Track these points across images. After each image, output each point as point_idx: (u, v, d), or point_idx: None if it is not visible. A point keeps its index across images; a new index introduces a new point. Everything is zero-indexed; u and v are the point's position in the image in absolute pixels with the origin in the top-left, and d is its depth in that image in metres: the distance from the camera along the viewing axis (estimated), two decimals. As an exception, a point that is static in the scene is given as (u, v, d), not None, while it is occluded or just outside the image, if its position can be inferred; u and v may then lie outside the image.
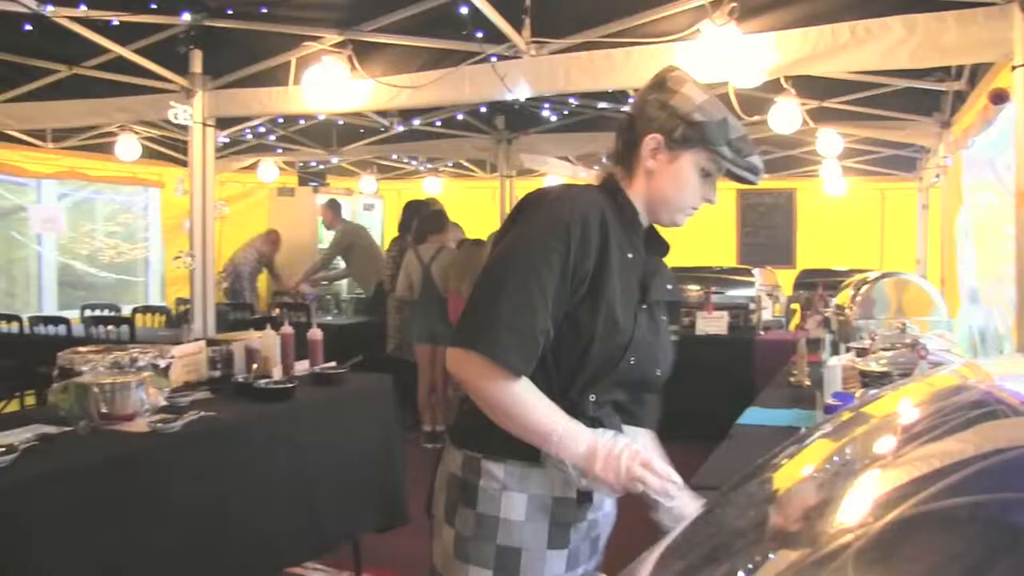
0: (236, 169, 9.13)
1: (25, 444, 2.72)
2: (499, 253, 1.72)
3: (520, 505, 1.70)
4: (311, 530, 3.58)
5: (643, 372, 1.78)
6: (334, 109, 5.68)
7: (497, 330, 1.61)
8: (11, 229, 8.68)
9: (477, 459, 1.73)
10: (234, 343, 3.92)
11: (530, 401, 1.64)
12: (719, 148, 1.74)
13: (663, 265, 1.90)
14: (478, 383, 1.66)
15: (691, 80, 1.80)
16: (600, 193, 1.81)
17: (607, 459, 1.60)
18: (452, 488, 1.77)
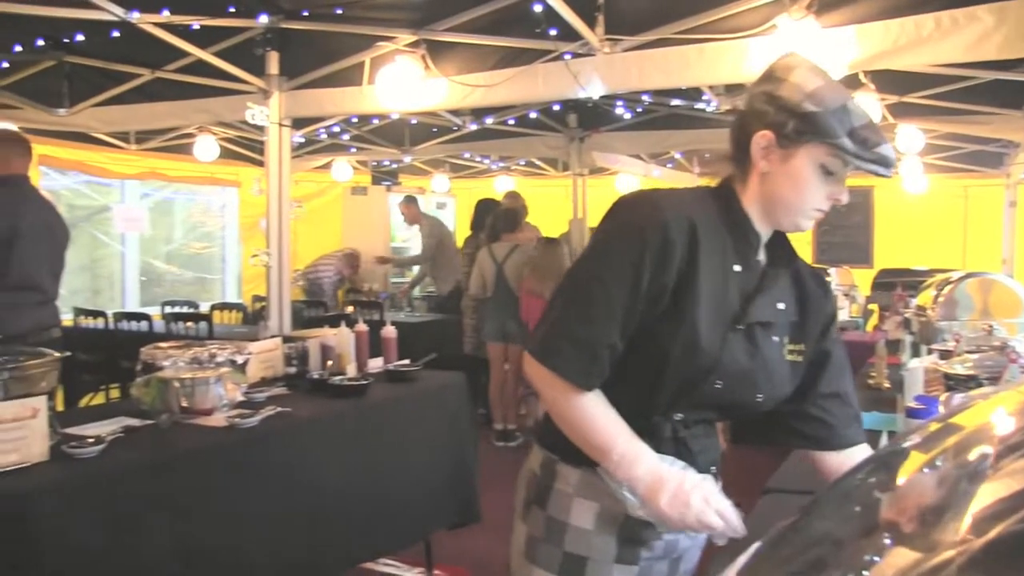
0: (310, 168, 9.26)
1: (111, 436, 2.80)
2: (575, 261, 1.68)
3: (589, 514, 1.64)
4: (384, 526, 3.61)
5: (735, 397, 1.64)
6: (407, 108, 5.72)
7: (560, 342, 1.57)
8: (96, 228, 8.93)
9: (554, 461, 1.69)
10: (309, 340, 3.98)
11: (594, 415, 1.57)
12: (839, 141, 1.53)
13: (783, 279, 1.69)
14: (545, 393, 1.62)
15: (804, 65, 1.60)
16: (704, 198, 1.66)
17: (676, 494, 1.50)
18: (530, 486, 1.74)
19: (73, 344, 3.70)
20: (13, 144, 4.15)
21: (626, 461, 1.53)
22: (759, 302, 1.63)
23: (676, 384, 1.58)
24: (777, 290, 1.67)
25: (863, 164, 1.56)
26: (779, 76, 1.59)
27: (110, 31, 4.93)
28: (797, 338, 1.71)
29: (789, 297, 1.70)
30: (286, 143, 5.37)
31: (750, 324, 1.61)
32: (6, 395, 2.62)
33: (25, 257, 3.91)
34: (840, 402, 1.76)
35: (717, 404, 1.65)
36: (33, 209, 4.06)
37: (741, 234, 1.64)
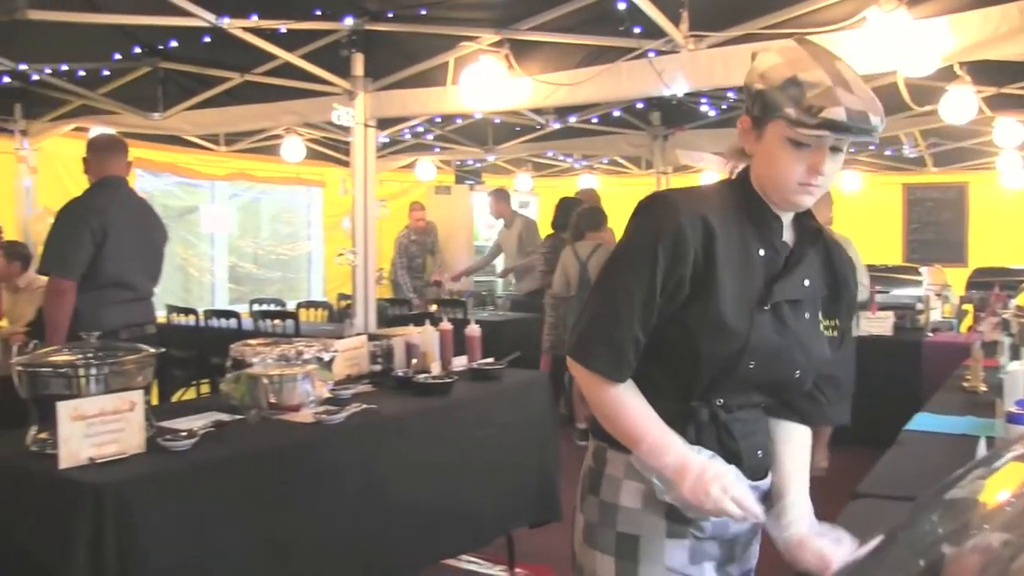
0: (395, 168, 9.35)
1: (203, 430, 2.88)
2: (604, 263, 1.76)
3: (637, 494, 1.71)
4: (467, 523, 3.63)
5: (772, 375, 1.71)
6: (491, 108, 5.74)
7: (591, 341, 1.69)
8: (187, 229, 9.18)
9: (604, 448, 1.77)
10: (394, 338, 4.02)
11: (627, 406, 1.68)
12: (784, 113, 1.56)
13: (810, 258, 1.74)
14: (585, 388, 1.74)
15: (775, 47, 1.67)
16: (722, 191, 1.75)
17: (697, 481, 1.60)
18: (585, 477, 1.82)
19: (166, 341, 3.80)
20: (111, 148, 4.29)
21: (655, 450, 1.64)
22: (783, 281, 1.69)
23: (711, 368, 1.66)
24: (803, 268, 1.72)
25: (810, 132, 1.55)
26: (752, 64, 1.68)
27: (202, 37, 5.07)
28: (831, 313, 1.79)
29: (816, 274, 1.75)
30: (371, 143, 5.44)
31: (776, 303, 1.68)
32: (106, 389, 2.71)
33: (115, 256, 4.03)
34: (835, 384, 1.85)
35: (756, 385, 1.72)
36: (125, 210, 4.17)
37: (761, 219, 1.70)
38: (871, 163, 9.82)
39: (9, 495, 2.66)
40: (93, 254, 3.97)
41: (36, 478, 2.60)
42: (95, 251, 3.97)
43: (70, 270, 3.95)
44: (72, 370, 2.73)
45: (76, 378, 2.72)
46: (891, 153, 8.99)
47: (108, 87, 6.23)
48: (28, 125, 7.10)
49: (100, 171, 4.20)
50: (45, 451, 2.63)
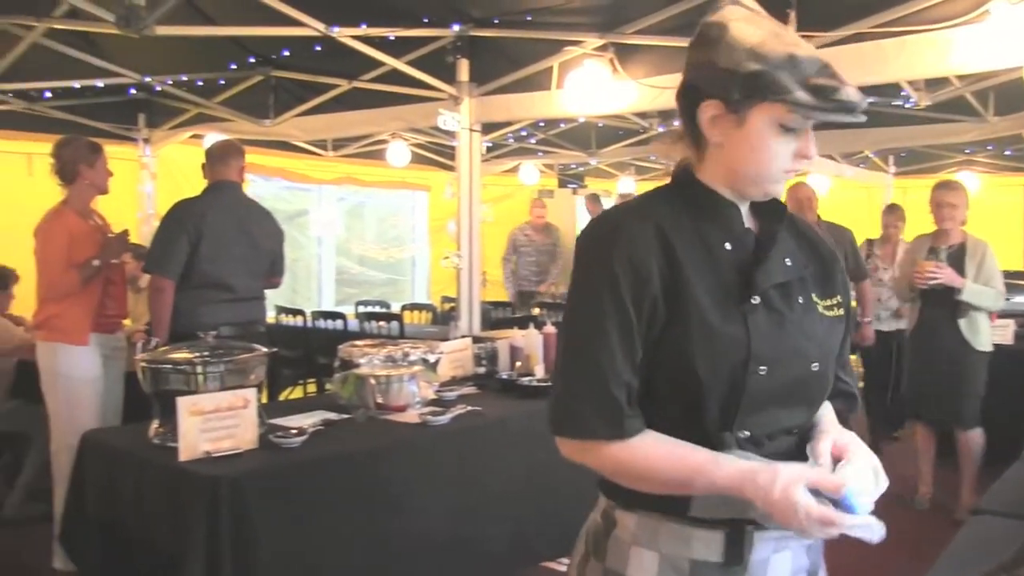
0: (499, 172, 9.41)
1: (313, 428, 2.96)
2: (562, 319, 1.48)
3: (650, 564, 1.43)
4: (566, 526, 3.61)
5: (788, 377, 1.43)
6: (595, 112, 5.74)
7: (576, 406, 1.39)
8: (296, 231, 9.43)
9: (612, 507, 1.49)
10: (499, 341, 4.05)
11: (647, 451, 1.38)
12: (794, 96, 1.35)
13: (781, 238, 1.50)
14: (590, 462, 1.43)
15: (738, 16, 1.41)
16: (664, 193, 1.52)
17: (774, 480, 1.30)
18: (588, 535, 1.55)
19: (274, 340, 3.91)
20: (222, 153, 4.44)
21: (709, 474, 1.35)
22: (763, 266, 1.44)
23: (718, 390, 1.38)
24: (778, 249, 1.49)
25: (826, 116, 1.38)
26: (714, 36, 1.40)
27: (312, 46, 5.20)
28: (828, 292, 1.55)
29: (794, 252, 1.52)
30: (476, 148, 5.49)
31: (764, 293, 1.43)
32: (222, 386, 2.82)
33: (212, 257, 4.17)
34: (847, 368, 1.61)
35: (776, 397, 1.43)
36: (227, 213, 4.30)
37: (715, 213, 1.47)
38: (990, 164, 9.45)
39: (134, 484, 2.79)
40: (189, 254, 4.12)
41: (158, 469, 2.71)
42: (191, 252, 4.12)
43: (167, 269, 4.12)
44: (190, 367, 2.85)
45: (194, 375, 2.83)
46: (1010, 153, 8.64)
47: (223, 96, 6.45)
48: (150, 133, 7.42)
49: (212, 176, 4.38)
50: (166, 444, 2.75)
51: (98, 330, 4.20)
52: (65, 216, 4.19)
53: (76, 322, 4.12)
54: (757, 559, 1.42)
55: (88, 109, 6.57)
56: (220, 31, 5.02)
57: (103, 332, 4.24)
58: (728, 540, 1.40)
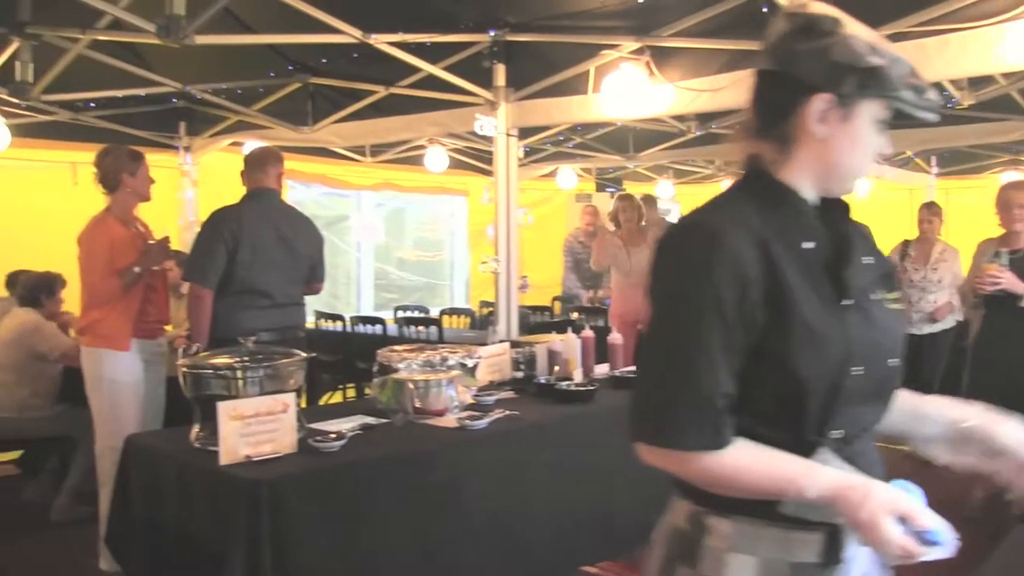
0: (536, 176, 9.42)
1: (351, 432, 2.97)
2: (650, 323, 1.44)
3: (749, 569, 1.43)
4: (606, 531, 3.62)
5: (878, 375, 1.45)
6: (633, 115, 5.71)
7: (670, 416, 1.38)
8: (335, 236, 9.50)
9: (702, 514, 1.47)
10: (537, 345, 4.05)
11: (741, 462, 1.38)
12: (900, 93, 1.40)
13: (855, 234, 1.50)
14: (682, 472, 1.44)
15: (840, 14, 1.43)
16: (745, 193, 1.49)
17: (864, 500, 1.31)
18: (672, 542, 1.54)
19: (314, 345, 3.94)
20: (263, 160, 4.48)
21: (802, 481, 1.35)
22: (851, 268, 1.44)
23: (819, 392, 1.39)
24: (862, 243, 1.51)
25: (923, 114, 1.42)
26: (827, 28, 1.41)
27: (350, 53, 5.24)
28: (891, 286, 1.56)
29: (868, 249, 1.53)
30: (513, 152, 5.50)
31: (857, 291, 1.44)
32: (261, 391, 2.84)
33: (249, 264, 4.21)
34: None
35: (867, 396, 1.45)
36: (265, 220, 4.33)
37: (796, 212, 1.47)
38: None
39: (176, 487, 2.83)
40: (227, 262, 4.16)
41: (199, 473, 2.75)
42: (228, 259, 4.16)
43: (204, 277, 4.17)
44: (231, 372, 2.88)
45: (234, 380, 2.86)
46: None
47: (262, 103, 6.51)
48: (190, 141, 7.52)
49: (251, 183, 4.41)
50: (207, 448, 2.78)
51: (140, 335, 4.26)
52: (107, 223, 4.25)
53: (118, 328, 4.18)
54: (848, 555, 1.43)
55: (130, 118, 6.67)
56: (258, 39, 5.07)
57: (145, 337, 4.30)
58: (826, 541, 1.42)
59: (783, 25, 1.45)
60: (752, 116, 1.50)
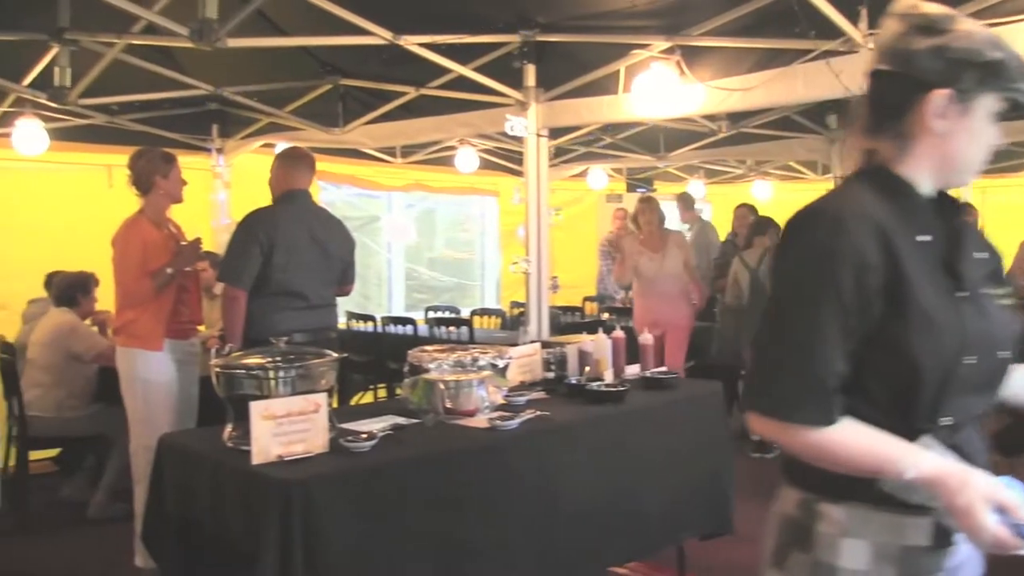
0: (567, 176, 9.41)
1: (382, 432, 2.98)
2: (771, 298, 1.54)
3: (862, 553, 1.49)
4: (636, 531, 3.61)
5: (990, 366, 1.51)
6: (663, 115, 5.69)
7: (782, 388, 1.46)
8: (366, 237, 9.54)
9: (814, 500, 1.54)
10: (568, 346, 4.04)
11: (846, 440, 1.45)
12: (1020, 85, 1.44)
13: (964, 228, 1.55)
14: (790, 444, 1.51)
15: (951, 10, 1.48)
16: (861, 188, 1.54)
17: (963, 488, 1.36)
18: (784, 530, 1.60)
19: (345, 346, 3.96)
20: (295, 162, 4.50)
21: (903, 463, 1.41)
22: (966, 261, 1.52)
23: (933, 379, 1.44)
24: (972, 238, 1.57)
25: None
26: (943, 25, 1.46)
27: (379, 54, 5.26)
28: (1000, 282, 1.63)
29: (980, 244, 1.60)
30: (544, 152, 5.49)
31: (971, 284, 1.51)
32: (293, 391, 2.86)
33: (284, 266, 4.23)
34: None
35: (977, 385, 1.51)
36: (298, 222, 4.35)
37: (912, 205, 1.52)
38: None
39: (209, 486, 2.86)
40: (262, 264, 4.19)
41: (232, 472, 2.77)
42: (263, 262, 4.19)
43: (239, 279, 4.19)
44: (263, 372, 2.90)
45: (266, 380, 2.88)
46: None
47: (293, 105, 6.56)
48: (223, 143, 7.59)
49: (283, 184, 4.42)
50: (239, 447, 2.80)
51: (172, 336, 4.30)
52: (140, 225, 4.30)
53: (151, 328, 4.23)
54: (958, 538, 1.48)
55: (164, 121, 6.75)
56: (290, 42, 5.11)
57: (177, 338, 4.34)
58: (937, 524, 1.46)
59: (897, 26, 1.50)
60: (867, 114, 1.57)
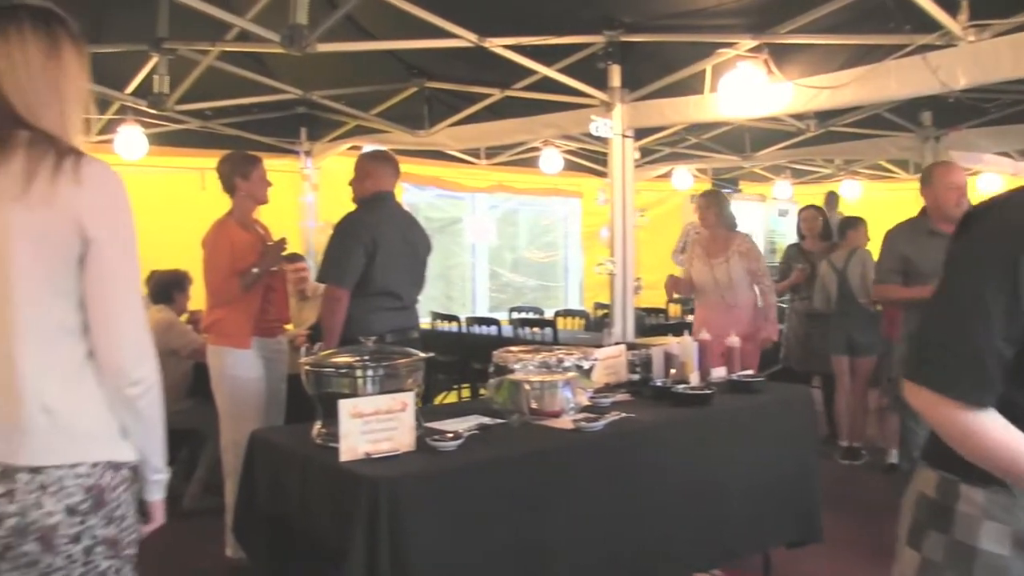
0: (652, 177, 9.35)
1: (468, 432, 3.00)
2: (944, 274, 1.57)
3: (1004, 537, 1.52)
4: (720, 537, 3.56)
5: None
6: (750, 115, 5.61)
7: (946, 361, 1.48)
8: (449, 239, 9.62)
9: (955, 482, 1.57)
10: (653, 348, 4.01)
11: (995, 434, 1.47)
12: None
13: None
14: (934, 416, 1.52)
15: None
16: None
17: None
18: (921, 510, 1.64)
19: (430, 345, 3.99)
20: (385, 164, 4.57)
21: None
22: None
23: None
24: None
25: None
26: None
27: (465, 56, 5.29)
28: None
29: None
30: (629, 153, 5.46)
31: None
32: (380, 389, 2.90)
33: (384, 267, 4.29)
34: None
35: None
36: (393, 224, 4.43)
37: None
38: None
39: (298, 482, 2.91)
40: (365, 265, 4.25)
41: (320, 469, 2.82)
42: (367, 263, 4.25)
43: (343, 280, 4.26)
44: (351, 371, 2.94)
45: (355, 378, 2.92)
46: None
47: (379, 108, 6.65)
48: (311, 146, 7.73)
49: (372, 186, 4.48)
50: (328, 444, 2.85)
51: (259, 334, 4.40)
52: (228, 227, 4.41)
53: (239, 326, 4.33)
54: None
55: (255, 125, 6.92)
56: (377, 45, 5.18)
57: (265, 336, 4.44)
58: None
59: None
60: None
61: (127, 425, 1.80)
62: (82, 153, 1.75)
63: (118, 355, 1.77)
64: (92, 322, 1.75)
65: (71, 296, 1.74)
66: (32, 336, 1.71)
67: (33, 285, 1.70)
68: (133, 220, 1.80)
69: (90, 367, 1.76)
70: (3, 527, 1.65)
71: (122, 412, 1.79)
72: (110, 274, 1.75)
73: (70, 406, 1.73)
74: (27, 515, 1.66)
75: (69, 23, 1.82)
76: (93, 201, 1.73)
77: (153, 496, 1.93)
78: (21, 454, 1.67)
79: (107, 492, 1.75)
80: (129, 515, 1.82)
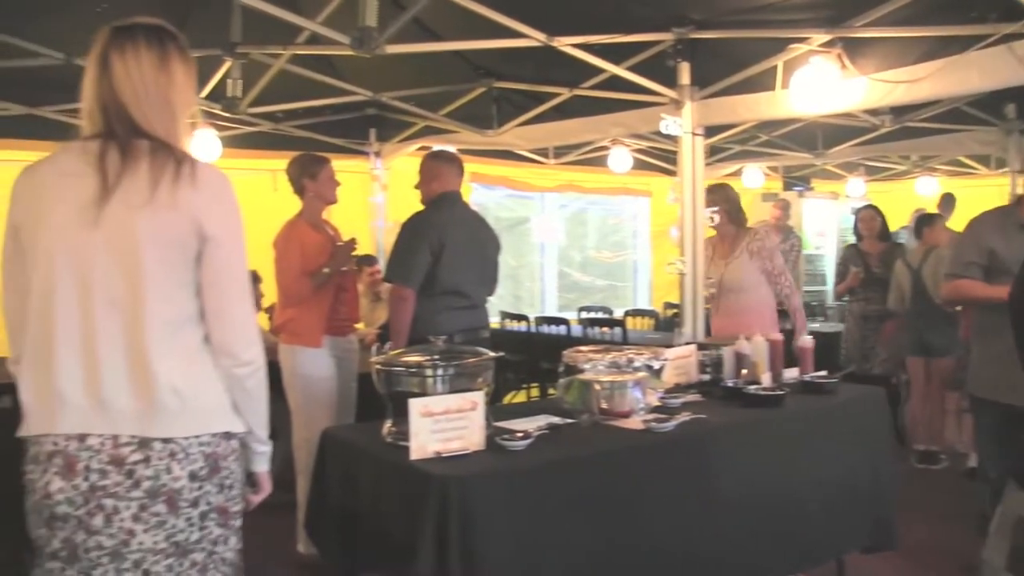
0: (722, 175, 9.23)
1: (538, 432, 3.00)
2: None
3: None
4: (794, 542, 3.50)
5: None
6: (823, 111, 5.50)
7: None
8: (518, 238, 9.64)
9: None
10: (724, 348, 3.96)
11: None
12: None
13: None
14: None
15: None
16: None
17: None
18: (1021, 532, 1.59)
19: (499, 345, 4.00)
20: (450, 164, 4.60)
21: None
22: None
23: None
24: None
25: None
26: None
27: (533, 56, 5.29)
28: None
29: None
30: (699, 151, 5.40)
31: None
32: (450, 389, 2.91)
33: (451, 267, 4.30)
34: None
35: None
36: (460, 224, 4.45)
37: None
38: None
39: (369, 479, 2.95)
40: (431, 265, 4.27)
41: (391, 467, 2.84)
42: (433, 262, 4.27)
43: (409, 279, 4.28)
44: (421, 370, 2.96)
45: (425, 377, 2.94)
46: None
47: (448, 108, 6.68)
48: (380, 147, 7.81)
49: (439, 186, 4.50)
50: (398, 443, 2.87)
51: (330, 333, 4.45)
52: (298, 228, 4.47)
53: (310, 326, 4.39)
54: None
55: (325, 127, 7.01)
56: (445, 46, 5.20)
57: (336, 335, 4.49)
58: None
59: None
60: None
61: (237, 401, 2.05)
62: (195, 158, 1.94)
63: (231, 339, 2.00)
64: (208, 311, 1.98)
65: (189, 287, 1.96)
66: (160, 327, 1.91)
67: (159, 282, 1.90)
68: (242, 218, 2.00)
69: (206, 349, 1.99)
70: (140, 488, 1.88)
71: (233, 389, 2.03)
72: (225, 268, 1.98)
73: (193, 385, 1.95)
74: (159, 478, 1.90)
75: (179, 37, 2.00)
76: (210, 202, 1.94)
77: (260, 467, 2.25)
78: (156, 429, 1.89)
79: (221, 460, 2.00)
80: (236, 486, 2.09)
